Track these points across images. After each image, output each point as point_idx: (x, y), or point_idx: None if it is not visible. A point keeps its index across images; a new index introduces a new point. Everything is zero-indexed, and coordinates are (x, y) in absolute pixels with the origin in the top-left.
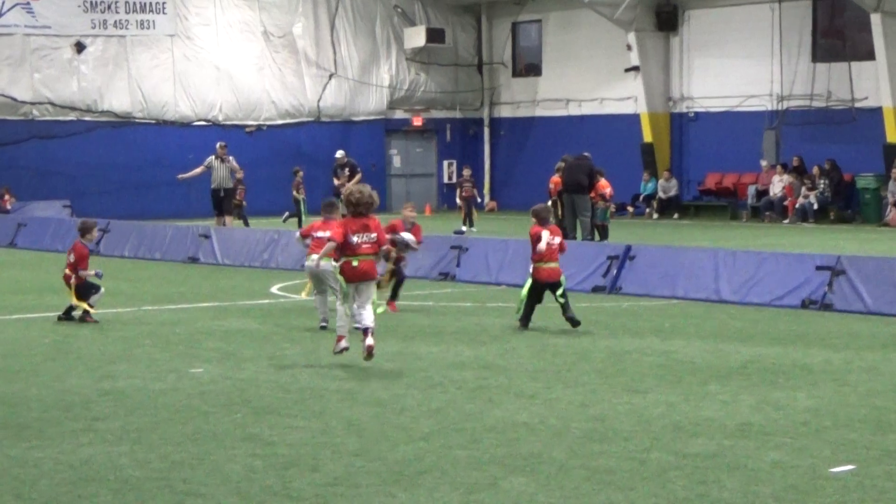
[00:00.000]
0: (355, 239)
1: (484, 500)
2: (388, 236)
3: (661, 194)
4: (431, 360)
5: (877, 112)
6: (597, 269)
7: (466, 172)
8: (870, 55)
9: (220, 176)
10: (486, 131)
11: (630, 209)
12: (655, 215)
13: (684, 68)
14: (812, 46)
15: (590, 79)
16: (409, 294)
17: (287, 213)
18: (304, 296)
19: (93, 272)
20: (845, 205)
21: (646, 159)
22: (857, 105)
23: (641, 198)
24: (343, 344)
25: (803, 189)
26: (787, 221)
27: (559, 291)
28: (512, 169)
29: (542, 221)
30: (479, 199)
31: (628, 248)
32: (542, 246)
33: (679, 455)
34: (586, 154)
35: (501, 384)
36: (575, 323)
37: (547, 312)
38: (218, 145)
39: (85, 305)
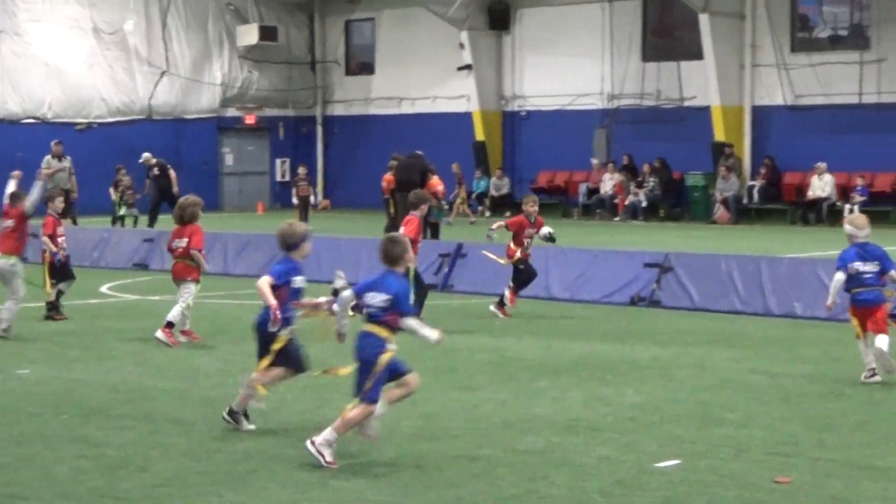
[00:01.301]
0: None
1: (315, 499)
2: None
3: (493, 192)
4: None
5: (705, 111)
6: (429, 267)
7: (302, 171)
8: (698, 55)
9: (58, 176)
10: (320, 129)
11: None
12: (488, 213)
13: (516, 67)
14: (642, 46)
15: (423, 77)
16: (241, 293)
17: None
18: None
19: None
20: (675, 202)
21: (478, 157)
22: (686, 104)
23: (474, 196)
24: None
25: (633, 187)
26: (617, 219)
27: None
28: (345, 167)
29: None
30: (313, 198)
31: (460, 246)
32: None
33: (509, 452)
34: (419, 152)
35: (333, 383)
36: None
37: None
38: (52, 144)
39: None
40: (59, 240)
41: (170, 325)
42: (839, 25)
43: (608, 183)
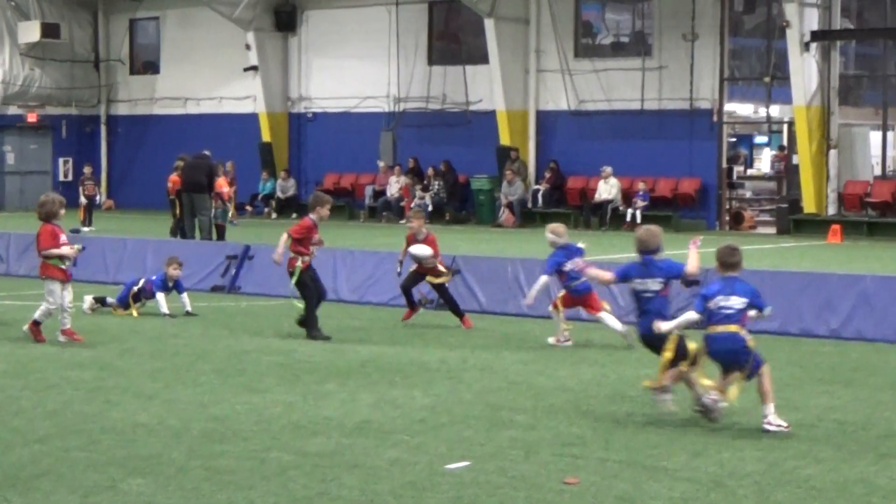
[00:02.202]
0: None
1: (102, 503)
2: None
3: (279, 194)
4: (48, 360)
5: (490, 115)
6: (216, 269)
7: (87, 170)
8: (484, 59)
9: None
10: (104, 129)
11: (249, 208)
12: (274, 215)
13: (303, 68)
14: (428, 49)
15: (209, 77)
16: (25, 294)
17: None
18: None
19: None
20: (460, 206)
21: (264, 159)
22: (472, 108)
23: (260, 197)
24: None
25: (419, 190)
26: (403, 222)
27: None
28: (130, 167)
29: None
30: (98, 198)
31: (247, 248)
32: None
33: (299, 454)
34: (206, 153)
35: (120, 384)
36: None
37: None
38: None
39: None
40: None
41: (36, 322)
42: (621, 32)
43: (394, 186)
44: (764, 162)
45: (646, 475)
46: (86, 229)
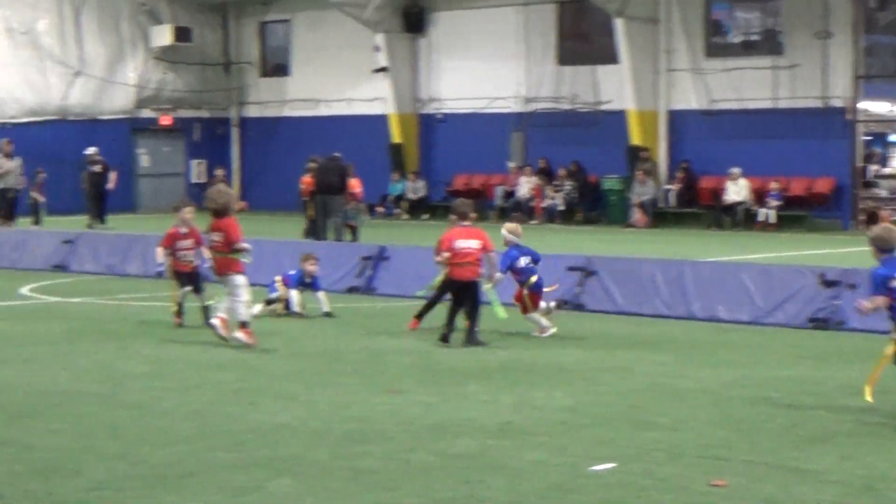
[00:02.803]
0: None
1: (251, 503)
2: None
3: (409, 195)
4: (188, 362)
5: (620, 115)
6: (351, 270)
7: (220, 172)
8: (613, 59)
9: (12, 175)
10: (235, 131)
11: (379, 210)
12: (405, 216)
13: (432, 70)
14: (557, 49)
15: (338, 79)
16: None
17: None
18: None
19: None
20: (591, 206)
21: (394, 160)
22: (602, 108)
23: (390, 198)
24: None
25: (549, 190)
26: (534, 222)
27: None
28: (261, 169)
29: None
30: None
31: (382, 249)
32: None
33: (442, 455)
34: (338, 154)
35: (261, 386)
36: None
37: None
38: (2, 142)
39: None
40: None
41: (244, 324)
42: (752, 31)
43: (524, 186)
44: None
45: (793, 478)
46: None
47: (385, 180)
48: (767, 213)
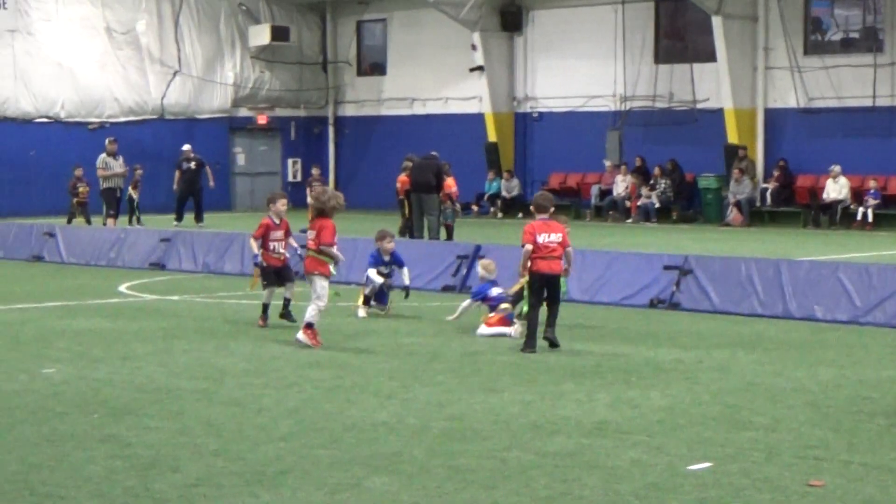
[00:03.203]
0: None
1: (348, 500)
2: None
3: (504, 194)
4: (286, 360)
5: (718, 113)
6: (446, 269)
7: (315, 171)
8: (711, 57)
9: (117, 174)
10: (331, 130)
11: (475, 208)
12: (500, 214)
13: (528, 68)
14: (654, 48)
15: (434, 78)
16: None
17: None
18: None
19: None
20: (687, 205)
21: (490, 159)
22: (699, 106)
23: (486, 197)
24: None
25: (645, 189)
26: (630, 221)
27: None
28: (357, 168)
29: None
30: None
31: (478, 248)
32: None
33: (539, 454)
34: (434, 153)
35: (358, 383)
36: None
37: (398, 310)
38: (107, 141)
39: None
40: None
41: (309, 325)
42: (851, 28)
43: (620, 185)
44: None
45: (892, 479)
46: None
47: (481, 179)
48: (866, 212)
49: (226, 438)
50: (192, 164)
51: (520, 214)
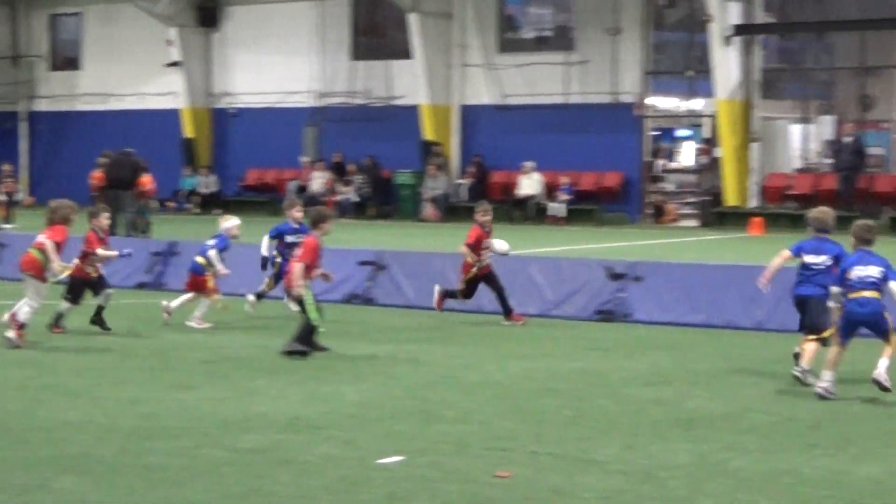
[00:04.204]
0: None
1: (35, 502)
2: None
3: (201, 190)
4: None
5: (414, 110)
6: (141, 265)
7: (7, 167)
8: (407, 54)
9: None
10: (24, 125)
11: (171, 204)
12: (197, 210)
13: (226, 64)
14: (351, 44)
15: (131, 73)
16: None
17: None
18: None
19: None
20: (384, 200)
21: (186, 154)
22: (395, 103)
23: (182, 193)
24: None
25: (342, 185)
26: None
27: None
28: (51, 163)
29: None
30: (20, 194)
31: (172, 244)
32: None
33: (231, 450)
34: (130, 149)
35: (47, 383)
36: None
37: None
38: None
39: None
40: None
41: (21, 325)
42: (544, 27)
43: (318, 181)
44: (686, 155)
45: (577, 468)
46: (7, 226)
47: (177, 175)
48: (558, 207)
49: None
50: None
51: (217, 211)
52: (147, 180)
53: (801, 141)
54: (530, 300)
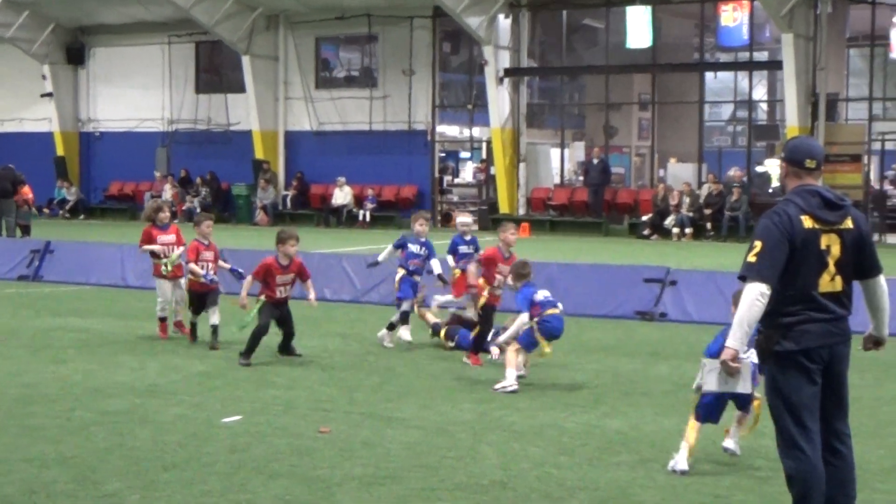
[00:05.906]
0: None
1: None
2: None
3: (70, 199)
4: None
5: (247, 134)
6: (21, 261)
7: None
8: (242, 88)
9: None
10: None
11: (46, 211)
12: (67, 216)
13: (91, 95)
14: (196, 80)
15: (10, 102)
16: None
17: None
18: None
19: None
20: (223, 208)
21: (59, 170)
22: (232, 128)
23: (55, 202)
24: None
25: (188, 195)
26: (176, 221)
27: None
28: None
29: None
30: None
31: (48, 244)
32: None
33: (99, 413)
34: (10, 165)
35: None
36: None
37: None
38: None
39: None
40: None
41: None
42: (353, 68)
43: (168, 192)
44: (468, 173)
45: (384, 424)
46: None
47: (52, 187)
48: (365, 214)
49: None
50: None
51: (82, 216)
52: (27, 191)
53: (559, 161)
54: (343, 289)
